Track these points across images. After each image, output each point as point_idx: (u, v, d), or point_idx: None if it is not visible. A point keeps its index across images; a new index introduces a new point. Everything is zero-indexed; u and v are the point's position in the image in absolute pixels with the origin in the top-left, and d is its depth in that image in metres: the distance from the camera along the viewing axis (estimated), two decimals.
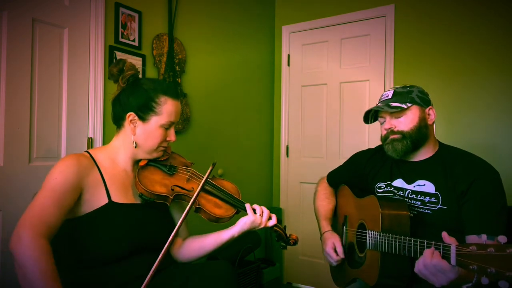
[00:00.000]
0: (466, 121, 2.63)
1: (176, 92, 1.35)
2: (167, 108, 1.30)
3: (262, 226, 1.36)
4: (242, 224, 1.36)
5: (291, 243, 1.47)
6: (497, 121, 2.54)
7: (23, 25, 1.77)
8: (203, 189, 1.37)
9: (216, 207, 1.36)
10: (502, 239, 0.92)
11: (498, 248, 0.90)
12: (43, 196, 1.13)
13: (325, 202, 1.75)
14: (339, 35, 3.14)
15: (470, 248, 0.95)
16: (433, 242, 1.10)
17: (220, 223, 1.36)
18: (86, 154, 1.30)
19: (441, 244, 1.06)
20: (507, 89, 2.51)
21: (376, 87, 2.96)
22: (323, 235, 1.63)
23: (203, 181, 1.35)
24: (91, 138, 2.04)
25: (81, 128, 2.02)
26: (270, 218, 1.39)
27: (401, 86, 1.47)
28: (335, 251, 1.54)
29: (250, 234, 2.94)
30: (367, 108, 2.94)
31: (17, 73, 1.76)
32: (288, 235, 1.48)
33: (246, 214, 1.40)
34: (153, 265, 1.20)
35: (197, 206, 1.32)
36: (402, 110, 1.40)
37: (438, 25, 2.72)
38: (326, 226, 1.65)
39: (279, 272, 3.32)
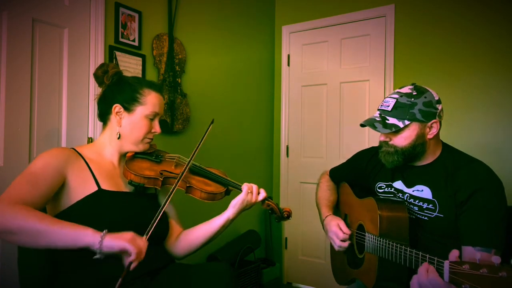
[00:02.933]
0: (467, 122, 2.63)
1: (160, 87, 1.41)
2: (151, 98, 1.35)
3: (253, 201, 1.40)
4: (235, 204, 1.39)
5: (285, 215, 1.49)
6: (499, 122, 2.53)
7: (23, 25, 1.77)
8: (190, 171, 1.41)
9: (207, 186, 1.40)
10: (495, 259, 0.91)
11: (491, 270, 0.90)
12: (19, 178, 1.13)
13: (327, 193, 1.75)
14: (339, 35, 3.14)
15: (464, 266, 0.95)
16: (427, 256, 1.09)
17: (215, 200, 1.39)
18: (71, 149, 1.31)
19: (435, 258, 1.05)
20: (509, 89, 2.50)
21: (376, 87, 2.96)
22: (325, 219, 1.61)
23: (199, 144, 1.38)
24: (91, 138, 2.04)
25: (81, 128, 2.02)
26: (258, 192, 1.42)
27: (407, 92, 1.34)
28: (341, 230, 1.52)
29: (250, 234, 2.96)
30: (367, 108, 3.00)
31: (17, 73, 1.76)
32: (281, 209, 1.50)
33: (237, 194, 1.43)
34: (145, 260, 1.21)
35: (188, 186, 1.35)
36: (398, 130, 1.33)
37: (438, 25, 2.72)
38: (327, 211, 1.65)
39: (279, 272, 3.32)
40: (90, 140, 2.04)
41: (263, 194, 1.41)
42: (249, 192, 1.38)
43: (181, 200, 1.59)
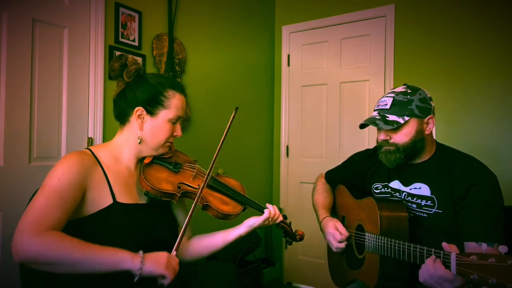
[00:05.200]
0: (466, 123, 2.63)
1: (182, 87, 1.34)
2: (175, 102, 1.28)
3: (269, 225, 1.38)
4: (251, 225, 1.35)
5: (298, 239, 1.47)
6: (497, 123, 2.53)
7: (23, 25, 1.77)
8: (209, 186, 1.36)
9: (224, 204, 1.34)
10: (502, 249, 0.91)
11: (499, 259, 0.89)
12: (44, 197, 1.07)
13: (323, 195, 1.76)
14: (339, 35, 3.14)
15: (471, 257, 0.93)
16: (433, 250, 1.08)
17: (229, 220, 1.34)
18: (88, 151, 1.24)
19: (441, 252, 1.04)
20: (507, 91, 2.50)
21: (376, 87, 2.96)
22: (322, 221, 1.62)
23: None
24: (91, 138, 2.04)
25: (81, 128, 2.02)
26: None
27: (402, 91, 1.38)
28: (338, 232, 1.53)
29: (250, 234, 2.95)
30: (367, 108, 3.00)
31: (17, 73, 1.75)
32: (294, 231, 1.48)
33: (253, 210, 1.39)
34: None
35: (205, 203, 1.30)
36: (399, 126, 1.35)
37: (438, 26, 2.72)
38: (324, 213, 1.65)
39: (279, 272, 3.32)
40: (90, 140, 2.03)
41: (280, 218, 1.40)
42: (269, 219, 1.36)
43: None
